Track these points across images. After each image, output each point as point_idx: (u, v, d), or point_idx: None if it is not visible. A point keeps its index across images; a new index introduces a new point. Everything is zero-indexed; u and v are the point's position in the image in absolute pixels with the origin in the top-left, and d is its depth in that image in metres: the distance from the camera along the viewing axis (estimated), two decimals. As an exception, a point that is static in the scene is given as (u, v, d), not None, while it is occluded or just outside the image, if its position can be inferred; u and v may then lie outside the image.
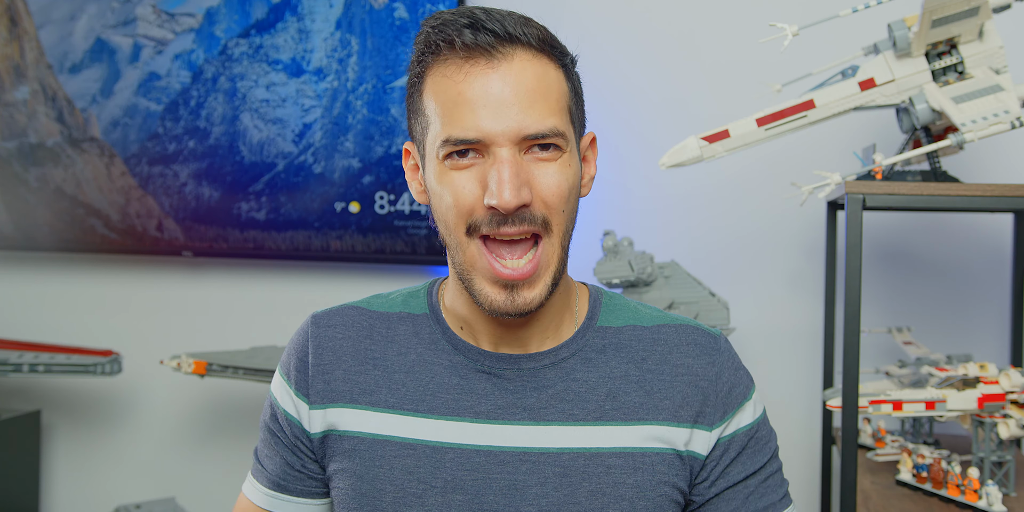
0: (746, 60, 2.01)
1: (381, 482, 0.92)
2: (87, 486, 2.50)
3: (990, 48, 1.47)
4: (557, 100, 0.85)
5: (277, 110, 2.24)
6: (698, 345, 0.96)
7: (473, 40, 0.82)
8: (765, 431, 0.98)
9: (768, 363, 2.03)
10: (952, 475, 1.44)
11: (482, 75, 0.83)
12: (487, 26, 0.82)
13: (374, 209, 2.19)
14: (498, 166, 0.82)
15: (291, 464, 0.98)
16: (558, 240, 0.86)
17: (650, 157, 2.02)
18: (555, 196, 0.85)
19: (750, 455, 0.96)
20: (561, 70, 0.88)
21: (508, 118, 0.82)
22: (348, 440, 0.94)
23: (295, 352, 0.99)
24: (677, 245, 2.07)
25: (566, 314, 0.96)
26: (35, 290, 2.54)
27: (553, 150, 0.85)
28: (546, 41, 0.86)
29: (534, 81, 0.83)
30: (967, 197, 1.42)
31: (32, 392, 2.53)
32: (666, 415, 0.92)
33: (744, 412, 0.96)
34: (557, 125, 0.84)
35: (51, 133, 2.41)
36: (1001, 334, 1.94)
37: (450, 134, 0.83)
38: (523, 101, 0.82)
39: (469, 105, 0.83)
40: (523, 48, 0.84)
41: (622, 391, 0.92)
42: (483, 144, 0.83)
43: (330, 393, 0.96)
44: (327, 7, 2.19)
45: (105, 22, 2.36)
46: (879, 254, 2.00)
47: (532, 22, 0.86)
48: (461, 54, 0.83)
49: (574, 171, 0.87)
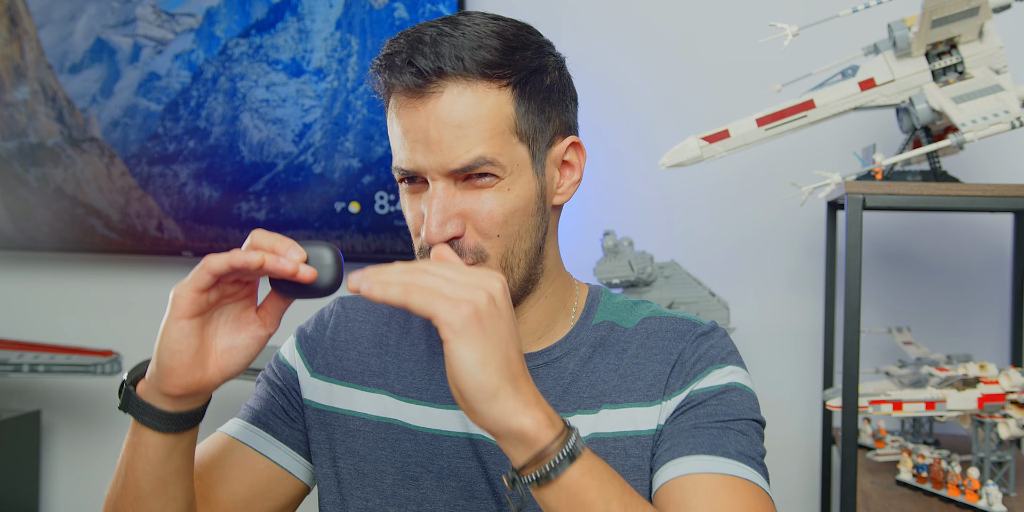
0: (746, 60, 2.01)
1: (383, 464, 0.95)
2: (87, 486, 2.50)
3: (990, 48, 1.47)
4: (490, 128, 0.85)
5: (277, 110, 2.24)
6: (677, 331, 0.95)
7: (400, 80, 0.84)
8: (738, 397, 0.90)
9: (768, 363, 2.03)
10: (952, 475, 1.44)
11: (413, 110, 0.85)
12: (418, 64, 0.83)
13: (374, 209, 2.19)
14: (429, 200, 0.86)
15: (279, 403, 1.00)
16: (496, 263, 0.88)
17: (650, 157, 2.02)
18: (487, 222, 0.86)
19: (710, 407, 0.89)
20: (508, 89, 0.86)
21: (435, 153, 0.84)
22: (354, 420, 0.97)
23: (315, 325, 1.04)
24: (677, 245, 2.07)
25: (560, 314, 0.97)
26: (35, 290, 2.54)
27: (487, 177, 0.86)
28: (492, 63, 0.84)
29: (461, 114, 0.84)
30: (967, 197, 1.42)
31: (32, 392, 2.53)
32: (637, 396, 0.91)
33: (709, 377, 0.91)
34: (484, 154, 0.84)
35: (51, 133, 2.41)
36: (1001, 334, 1.94)
37: (396, 163, 0.88)
38: (448, 135, 0.84)
39: (404, 139, 0.86)
40: (454, 79, 0.84)
41: (601, 380, 0.93)
42: (419, 174, 0.87)
43: (340, 371, 0.99)
44: (327, 7, 2.19)
45: (105, 22, 2.36)
46: (879, 254, 2.00)
47: (488, 39, 0.85)
48: (398, 90, 0.86)
49: (517, 194, 0.87)
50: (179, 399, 0.79)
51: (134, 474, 0.83)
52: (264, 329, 0.82)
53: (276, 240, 0.77)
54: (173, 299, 0.76)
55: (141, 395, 0.81)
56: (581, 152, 0.95)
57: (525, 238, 0.89)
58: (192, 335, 0.77)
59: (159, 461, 0.82)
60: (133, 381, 0.83)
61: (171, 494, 0.84)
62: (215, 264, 0.75)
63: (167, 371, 0.77)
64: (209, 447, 0.98)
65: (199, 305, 0.77)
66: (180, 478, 0.84)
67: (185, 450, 0.84)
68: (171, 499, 0.85)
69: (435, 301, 0.68)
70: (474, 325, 0.68)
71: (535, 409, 0.70)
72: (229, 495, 0.95)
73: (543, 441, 0.70)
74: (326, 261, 0.79)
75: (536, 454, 0.70)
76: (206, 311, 0.78)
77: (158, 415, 0.80)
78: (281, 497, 0.99)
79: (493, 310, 0.70)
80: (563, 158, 0.94)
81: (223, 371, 0.80)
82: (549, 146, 0.91)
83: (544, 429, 0.70)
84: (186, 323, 0.76)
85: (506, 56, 0.86)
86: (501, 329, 0.70)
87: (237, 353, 0.81)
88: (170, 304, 0.77)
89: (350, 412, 0.98)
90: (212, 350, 0.80)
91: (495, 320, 0.70)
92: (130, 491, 0.84)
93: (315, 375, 1.00)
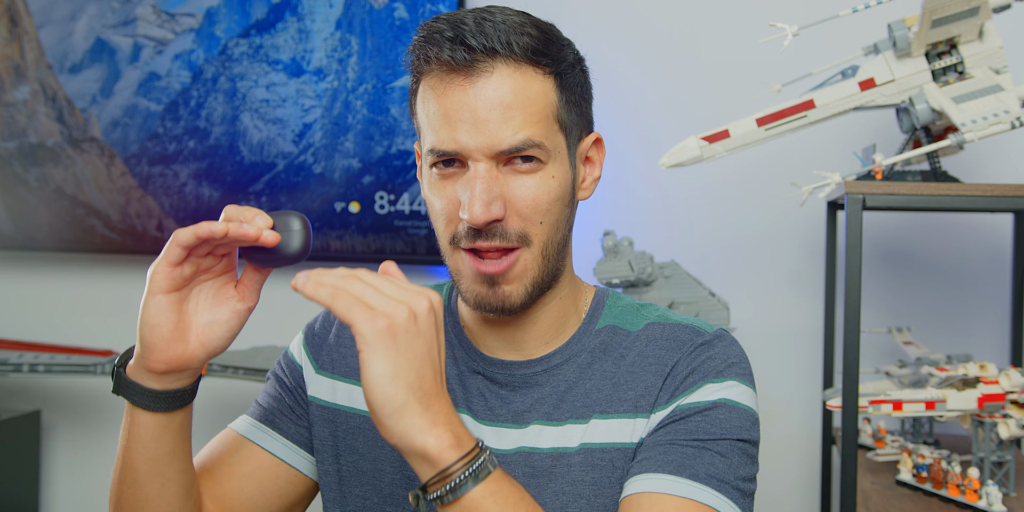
0: (746, 60, 2.01)
1: (382, 462, 0.95)
2: (87, 486, 2.50)
3: (990, 48, 1.47)
4: (538, 112, 0.85)
5: (277, 110, 2.24)
6: (677, 340, 0.92)
7: (450, 56, 0.83)
8: (725, 415, 0.86)
9: (768, 363, 2.03)
10: (952, 475, 1.44)
11: (460, 89, 0.84)
12: (467, 41, 0.83)
13: (374, 209, 2.19)
14: (471, 181, 0.84)
15: (286, 401, 1.01)
16: (539, 250, 0.87)
17: (650, 157, 2.02)
18: (530, 209, 0.86)
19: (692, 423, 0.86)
20: (551, 78, 0.87)
21: (482, 133, 0.83)
22: (355, 417, 0.98)
23: (323, 322, 1.05)
24: (677, 245, 2.07)
25: (572, 319, 0.96)
26: (35, 290, 2.54)
27: (533, 162, 0.85)
28: (537, 50, 0.85)
29: (511, 95, 0.84)
30: (967, 197, 1.42)
31: (32, 392, 2.53)
32: (627, 406, 0.90)
33: (700, 391, 0.87)
34: (533, 137, 0.84)
35: (51, 133, 2.41)
36: (1001, 334, 1.94)
37: (433, 145, 0.86)
38: (497, 116, 0.83)
39: (448, 119, 0.85)
40: (504, 61, 0.84)
41: (595, 389, 0.92)
42: (462, 156, 0.85)
43: (344, 368, 1.00)
44: (327, 7, 2.19)
45: (105, 22, 2.36)
46: (879, 254, 2.00)
47: (528, 28, 0.85)
48: (444, 67, 0.85)
49: (559, 181, 0.87)
50: (164, 376, 0.81)
51: (130, 456, 0.84)
52: (243, 302, 0.84)
53: (243, 210, 0.79)
54: (149, 276, 0.78)
55: (130, 375, 0.82)
56: (602, 149, 0.96)
57: (561, 228, 0.90)
58: (170, 310, 0.79)
59: (151, 441, 0.83)
60: (122, 363, 0.84)
61: (167, 476, 0.85)
62: (182, 236, 0.76)
63: (149, 347, 0.79)
64: (218, 444, 0.99)
65: (174, 279, 0.78)
66: (175, 459, 0.85)
67: (177, 430, 0.85)
68: (167, 481, 0.85)
69: (356, 310, 0.69)
70: (387, 338, 0.69)
71: (441, 428, 0.71)
72: (238, 492, 0.96)
73: (445, 461, 0.70)
74: (293, 227, 0.81)
75: (438, 473, 0.71)
76: (183, 286, 0.80)
77: (146, 393, 0.81)
78: (291, 494, 1.00)
79: (411, 327, 0.70)
80: (587, 154, 0.94)
81: (205, 346, 0.82)
82: (579, 140, 0.92)
83: (447, 449, 0.70)
84: (163, 298, 0.78)
85: (546, 46, 0.86)
86: (417, 346, 0.70)
87: (218, 327, 0.82)
88: (148, 281, 0.78)
89: (351, 409, 0.98)
90: (192, 325, 0.81)
91: (411, 337, 0.70)
92: (127, 474, 0.85)
93: (319, 372, 1.01)
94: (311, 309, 1.21)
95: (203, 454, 0.98)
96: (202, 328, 0.82)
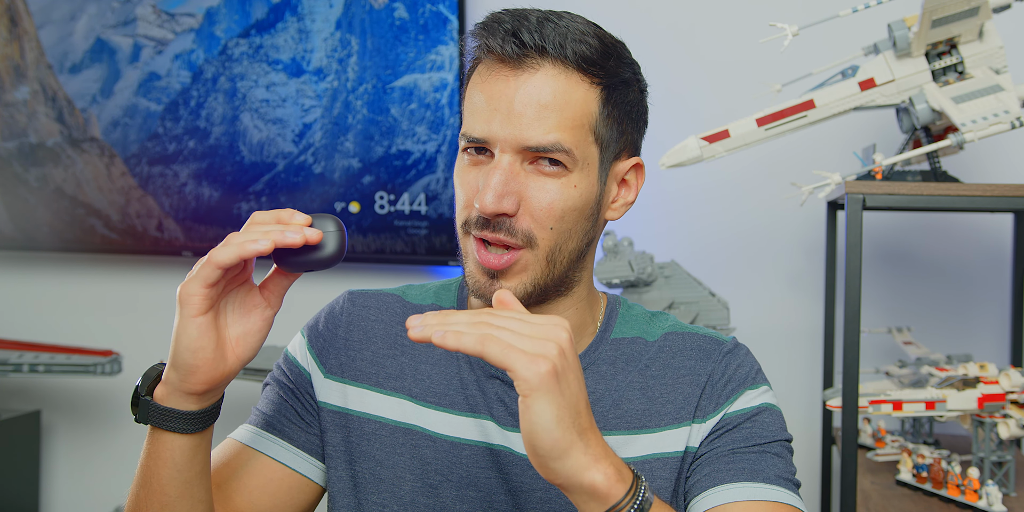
0: (746, 60, 2.01)
1: (401, 470, 0.93)
2: (87, 486, 2.50)
3: (990, 48, 1.47)
4: (574, 118, 0.85)
5: (277, 110, 2.24)
6: (702, 350, 0.95)
7: (502, 47, 0.84)
8: (770, 418, 0.92)
9: (768, 363, 2.02)
10: (952, 475, 1.44)
11: (503, 81, 0.84)
12: (521, 36, 0.83)
13: (374, 209, 2.19)
14: (492, 171, 0.84)
15: (292, 407, 0.98)
16: (544, 254, 0.87)
17: (650, 157, 2.02)
18: (543, 212, 0.85)
19: (745, 430, 0.91)
20: (598, 89, 0.86)
21: (513, 126, 0.83)
22: (370, 423, 0.95)
23: (327, 322, 1.01)
24: (677, 245, 2.07)
25: (588, 328, 0.96)
26: (35, 290, 2.54)
27: (558, 167, 0.85)
28: (589, 59, 0.85)
29: (550, 95, 0.84)
30: (967, 197, 1.42)
31: (32, 392, 2.53)
32: (668, 419, 0.91)
33: (742, 399, 0.92)
34: (563, 141, 0.84)
35: (51, 133, 2.41)
36: (1001, 334, 1.94)
37: (466, 129, 0.87)
38: (532, 112, 0.83)
39: (485, 106, 0.85)
40: (552, 62, 0.84)
41: (625, 399, 0.92)
42: (490, 145, 0.85)
43: (354, 371, 0.97)
44: (327, 7, 2.19)
45: (105, 22, 2.36)
46: (879, 254, 2.00)
47: (589, 38, 0.85)
48: (494, 57, 0.85)
49: (580, 192, 0.86)
50: (203, 395, 0.80)
51: (160, 482, 0.82)
52: (270, 309, 0.83)
53: (277, 212, 0.79)
54: (184, 298, 0.76)
55: (161, 401, 0.80)
56: (642, 175, 0.95)
57: (574, 238, 0.89)
58: (210, 330, 0.77)
59: (185, 464, 0.82)
60: (146, 391, 0.82)
61: (197, 496, 0.84)
62: (222, 258, 0.74)
63: (191, 370, 0.77)
64: (223, 456, 0.96)
65: (211, 300, 0.77)
66: (203, 478, 0.84)
67: (206, 448, 0.84)
68: (197, 501, 0.84)
69: (513, 355, 0.66)
70: (551, 381, 0.66)
71: (604, 463, 0.69)
72: (250, 506, 0.94)
73: (615, 497, 0.69)
74: (328, 228, 0.79)
75: (608, 510, 0.69)
76: (217, 304, 0.79)
77: (183, 418, 0.80)
78: (302, 503, 0.98)
79: (566, 364, 0.68)
80: (623, 176, 0.93)
81: (240, 358, 0.81)
82: (615, 159, 0.91)
83: (615, 484, 0.69)
84: (202, 320, 0.77)
85: (603, 58, 0.86)
86: (573, 383, 0.69)
87: (251, 338, 0.81)
88: (181, 304, 0.76)
89: (365, 414, 0.96)
90: (227, 339, 0.80)
91: (568, 374, 0.68)
92: (156, 498, 0.83)
93: (328, 376, 0.98)
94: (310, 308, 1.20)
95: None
96: (236, 341, 0.81)
